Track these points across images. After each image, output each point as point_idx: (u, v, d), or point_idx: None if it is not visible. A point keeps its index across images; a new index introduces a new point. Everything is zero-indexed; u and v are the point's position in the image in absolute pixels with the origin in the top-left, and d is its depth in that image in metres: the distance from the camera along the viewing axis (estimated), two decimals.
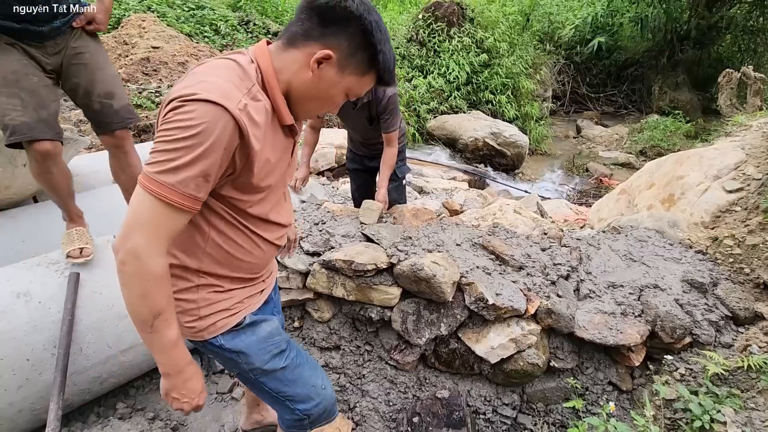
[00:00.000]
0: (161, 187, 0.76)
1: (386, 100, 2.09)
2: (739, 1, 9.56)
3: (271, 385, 1.12)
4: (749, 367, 1.47)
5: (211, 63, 0.85)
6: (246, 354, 1.05)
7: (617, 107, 11.14)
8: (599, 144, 8.42)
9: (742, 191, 2.20)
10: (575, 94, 10.97)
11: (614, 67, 11.01)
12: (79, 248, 1.80)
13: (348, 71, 0.88)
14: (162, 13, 7.27)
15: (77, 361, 1.71)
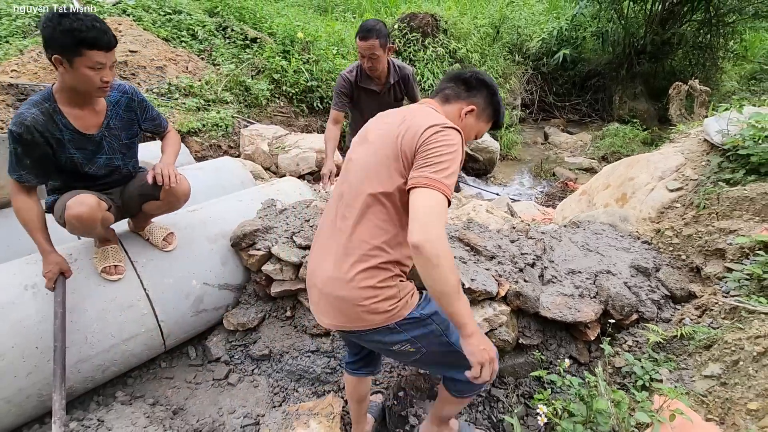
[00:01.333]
0: (446, 188, 1.07)
1: (411, 76, 2.45)
2: (689, 20, 10.36)
3: (454, 337, 1.28)
4: (682, 335, 1.74)
5: (425, 109, 1.26)
6: (438, 314, 1.26)
7: (582, 115, 11.75)
8: (565, 150, 8.91)
9: (682, 190, 2.52)
10: (543, 102, 11.51)
11: (578, 77, 11.62)
12: (114, 265, 1.90)
13: (481, 119, 1.35)
14: (138, 17, 7.23)
15: (82, 350, 1.81)
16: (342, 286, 1.18)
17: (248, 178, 3.12)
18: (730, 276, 1.81)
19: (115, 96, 1.74)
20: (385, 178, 1.16)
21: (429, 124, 1.14)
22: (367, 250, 1.17)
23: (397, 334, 1.22)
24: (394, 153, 1.17)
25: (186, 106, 5.45)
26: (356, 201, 1.21)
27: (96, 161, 1.74)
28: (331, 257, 1.23)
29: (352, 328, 1.22)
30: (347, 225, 1.22)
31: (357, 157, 1.29)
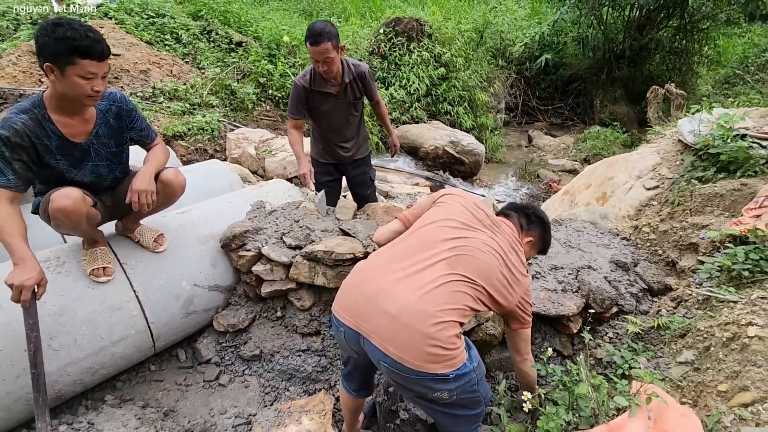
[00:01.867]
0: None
1: (367, 74, 2.43)
2: (665, 26, 10.70)
3: (482, 388, 1.37)
4: (659, 326, 1.83)
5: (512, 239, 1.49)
6: (480, 364, 1.36)
7: (564, 119, 12.00)
8: (548, 152, 9.10)
9: (658, 188, 2.62)
10: (526, 106, 11.73)
11: (560, 81, 11.88)
12: (103, 267, 1.89)
13: (533, 249, 1.61)
14: (120, 20, 7.16)
15: (71, 353, 1.80)
16: (431, 325, 1.18)
17: (236, 181, 3.13)
18: (702, 268, 1.90)
19: (105, 105, 1.74)
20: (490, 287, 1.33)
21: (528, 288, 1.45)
22: (462, 306, 1.25)
23: (446, 383, 1.23)
24: (502, 284, 1.35)
25: (171, 110, 5.42)
26: (466, 273, 1.29)
27: (82, 168, 1.74)
28: (421, 290, 1.23)
29: (413, 367, 1.18)
30: (449, 275, 1.27)
31: (477, 244, 1.37)
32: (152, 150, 1.93)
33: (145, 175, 1.75)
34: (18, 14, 7.32)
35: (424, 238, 1.38)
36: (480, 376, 1.33)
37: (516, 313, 1.42)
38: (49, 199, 1.58)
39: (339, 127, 2.56)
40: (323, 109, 2.44)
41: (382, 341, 1.21)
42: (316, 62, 2.19)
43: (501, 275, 1.35)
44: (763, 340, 1.34)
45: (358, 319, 1.28)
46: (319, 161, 2.73)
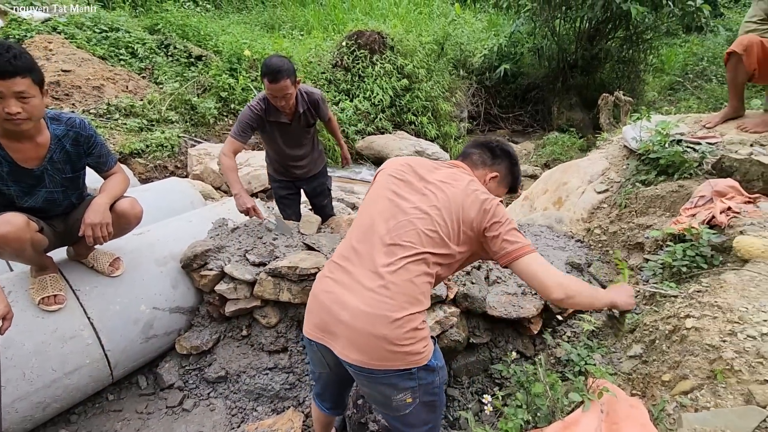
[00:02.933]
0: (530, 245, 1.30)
1: (320, 101, 2.46)
2: (613, 37, 11.37)
3: (441, 395, 1.34)
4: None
5: (468, 178, 1.37)
6: (444, 367, 1.30)
7: (524, 125, 12.46)
8: None
9: (608, 192, 2.78)
10: (488, 114, 12.10)
11: (519, 90, 12.34)
12: (53, 295, 1.80)
13: (501, 185, 1.51)
14: (70, 34, 6.90)
15: (20, 387, 1.71)
16: (385, 325, 1.16)
17: (198, 199, 3.07)
18: (647, 266, 2.03)
19: (62, 129, 1.67)
20: (446, 240, 1.26)
21: (487, 197, 1.31)
22: (417, 294, 1.22)
23: (411, 380, 1.22)
24: (458, 220, 1.27)
25: (127, 127, 5.25)
26: (410, 247, 1.23)
27: (35, 195, 1.67)
28: (368, 291, 1.21)
29: (377, 367, 1.19)
30: (394, 263, 1.22)
31: (412, 205, 1.30)
32: (110, 178, 1.86)
33: (100, 206, 1.69)
34: None
35: (361, 231, 1.33)
36: (442, 380, 1.32)
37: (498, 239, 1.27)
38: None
39: (291, 150, 2.58)
40: (275, 136, 2.46)
41: (343, 350, 1.21)
42: (274, 98, 2.18)
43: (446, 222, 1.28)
44: (699, 331, 1.45)
45: (322, 332, 1.28)
46: (276, 178, 2.75)
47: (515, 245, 1.27)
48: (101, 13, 7.90)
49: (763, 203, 1.89)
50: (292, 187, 2.79)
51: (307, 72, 7.80)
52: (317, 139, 2.75)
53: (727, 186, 2.00)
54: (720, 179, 2.07)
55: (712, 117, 2.80)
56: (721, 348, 1.34)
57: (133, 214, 1.85)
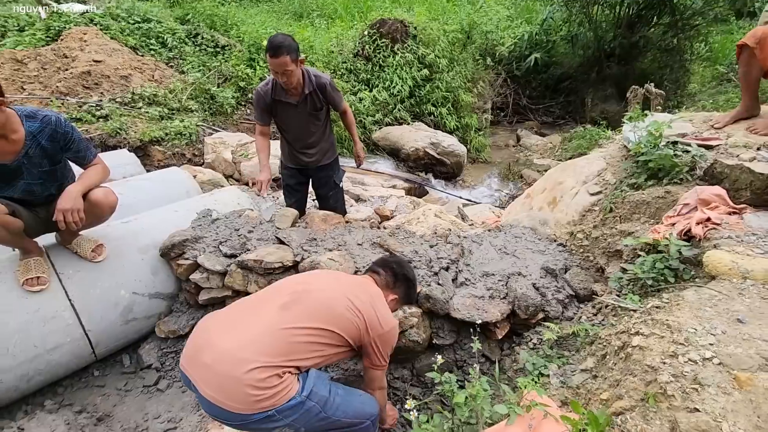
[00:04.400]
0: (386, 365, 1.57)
1: (328, 85, 2.47)
2: (656, 23, 10.63)
3: (331, 411, 1.40)
4: (574, 333, 1.86)
5: (380, 295, 1.60)
6: (314, 391, 1.35)
7: (555, 117, 11.97)
8: (535, 152, 9.08)
9: (601, 194, 2.64)
10: (517, 105, 11.72)
11: (551, 80, 11.84)
12: (36, 277, 1.95)
13: (399, 304, 1.77)
14: (106, 26, 7.24)
15: (4, 361, 1.87)
16: (241, 371, 1.22)
17: (194, 188, 3.19)
18: (612, 276, 1.93)
19: (36, 126, 1.78)
20: (341, 327, 1.41)
21: (386, 328, 1.51)
22: (285, 355, 1.29)
23: (275, 421, 1.28)
24: (355, 316, 1.44)
25: (149, 115, 5.50)
26: (304, 320, 1.36)
27: (13, 186, 1.80)
28: (241, 336, 1.29)
29: (235, 411, 1.24)
30: (278, 323, 1.33)
31: (320, 286, 1.51)
32: (88, 169, 1.97)
33: (72, 193, 1.81)
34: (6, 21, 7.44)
35: (263, 294, 1.52)
36: (325, 401, 1.36)
37: (368, 350, 1.50)
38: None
39: (301, 135, 2.63)
40: (285, 118, 2.52)
41: (205, 387, 1.27)
42: (275, 73, 2.25)
43: (349, 311, 1.43)
44: (643, 350, 1.37)
45: (191, 368, 1.33)
46: (286, 165, 2.84)
47: (380, 363, 1.56)
48: (136, 4, 8.23)
49: (749, 215, 1.74)
50: (299, 176, 2.85)
51: (328, 61, 7.83)
52: (330, 131, 2.77)
53: (712, 194, 1.86)
54: (707, 187, 1.92)
55: (721, 116, 2.58)
56: (659, 370, 1.27)
57: (107, 203, 1.96)
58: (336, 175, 2.92)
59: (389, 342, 1.54)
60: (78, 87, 5.66)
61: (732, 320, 1.33)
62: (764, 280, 1.43)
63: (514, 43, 10.63)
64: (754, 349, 1.23)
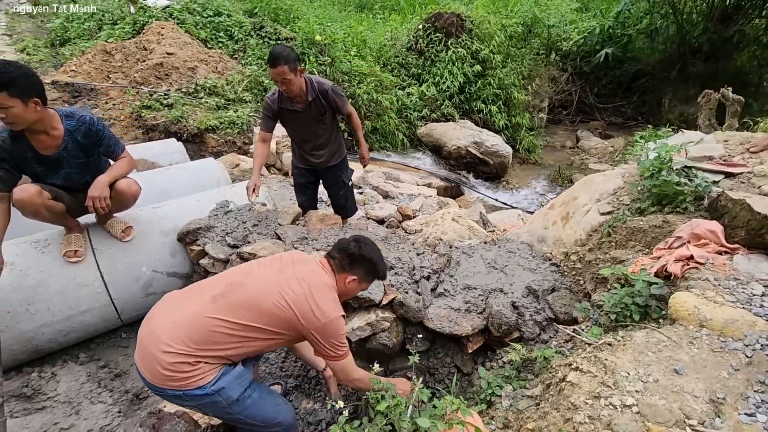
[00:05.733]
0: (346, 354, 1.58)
1: (330, 90, 2.60)
2: (759, 16, 9.34)
3: (237, 409, 1.51)
4: (537, 358, 1.84)
5: (324, 285, 1.56)
6: (225, 389, 1.45)
7: (626, 118, 11.06)
8: (593, 155, 8.52)
9: (612, 214, 2.51)
10: (582, 103, 10.98)
11: (624, 77, 10.92)
12: (74, 250, 2.35)
13: (363, 282, 1.72)
14: (182, 20, 7.94)
15: (45, 317, 2.27)
16: (160, 351, 1.37)
17: (224, 179, 3.50)
18: (578, 306, 1.85)
19: (73, 124, 2.10)
20: (268, 319, 1.47)
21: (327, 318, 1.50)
22: (204, 344, 1.41)
23: (181, 399, 1.45)
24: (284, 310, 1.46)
25: (207, 105, 6.01)
26: (228, 314, 1.44)
27: (56, 174, 2.15)
28: (169, 319, 1.44)
29: (153, 383, 1.42)
30: (206, 311, 1.44)
31: (256, 278, 1.54)
32: (117, 162, 2.30)
33: (100, 183, 2.13)
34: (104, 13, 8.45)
35: (208, 281, 1.59)
36: (232, 402, 1.46)
37: (311, 341, 1.53)
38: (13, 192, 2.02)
39: (308, 138, 2.79)
40: (292, 124, 2.69)
41: (136, 356, 1.46)
42: (276, 82, 2.41)
43: (276, 306, 1.46)
44: (573, 387, 1.35)
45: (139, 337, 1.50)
46: (297, 165, 3.01)
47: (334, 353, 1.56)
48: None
49: (740, 257, 1.59)
50: (308, 175, 3.02)
51: (379, 55, 7.93)
52: (337, 133, 2.91)
53: (706, 230, 1.71)
54: (703, 221, 1.77)
55: (761, 138, 2.31)
56: (579, 409, 1.26)
57: (130, 193, 2.27)
58: (345, 174, 3.04)
59: (331, 333, 1.51)
60: (151, 77, 6.33)
61: (669, 369, 1.27)
62: (720, 331, 1.33)
63: (583, 37, 9.94)
64: (679, 403, 1.17)
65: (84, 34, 8.09)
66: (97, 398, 2.13)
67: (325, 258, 1.69)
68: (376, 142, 6.98)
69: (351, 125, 2.98)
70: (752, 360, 1.23)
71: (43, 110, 1.93)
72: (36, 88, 1.85)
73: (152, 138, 5.48)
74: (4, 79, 1.72)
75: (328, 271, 1.63)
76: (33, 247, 2.35)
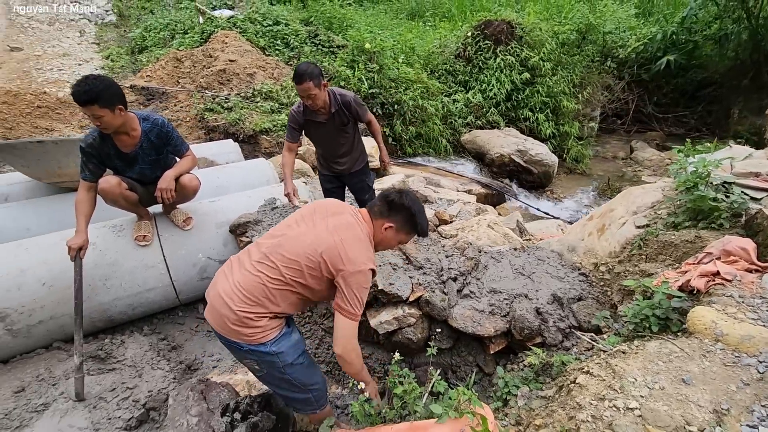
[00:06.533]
0: (356, 316, 1.59)
1: (352, 101, 2.77)
2: None
3: (289, 373, 1.66)
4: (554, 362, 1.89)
5: (359, 235, 1.63)
6: (283, 353, 1.62)
7: (688, 129, 10.40)
8: (648, 167, 8.13)
9: (648, 228, 2.49)
10: (640, 112, 10.47)
11: (689, 86, 10.29)
12: (143, 235, 2.70)
13: (401, 233, 1.73)
14: (244, 29, 8.53)
15: (118, 292, 2.62)
16: (228, 309, 1.56)
17: (274, 178, 3.79)
18: (597, 315, 1.87)
19: (148, 126, 2.43)
20: (306, 273, 1.59)
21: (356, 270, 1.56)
22: (255, 295, 1.57)
23: (248, 354, 1.63)
24: (316, 262, 1.57)
25: (263, 109, 6.44)
26: (275, 265, 1.58)
27: (132, 169, 2.49)
28: (231, 282, 1.63)
29: (219, 332, 1.63)
30: (256, 270, 1.60)
31: (294, 234, 1.65)
32: (181, 160, 2.61)
33: (168, 177, 2.45)
34: (177, 24, 9.26)
35: (256, 244, 1.72)
36: (285, 363, 1.63)
37: (339, 291, 1.57)
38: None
39: (332, 147, 2.96)
40: (316, 135, 2.88)
41: (208, 315, 1.67)
42: (302, 97, 2.61)
43: (308, 259, 1.56)
44: (581, 388, 1.41)
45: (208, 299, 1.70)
46: (322, 172, 3.21)
47: (348, 309, 1.58)
48: (270, 9, 9.48)
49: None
50: (335, 180, 3.22)
51: (427, 63, 8.06)
52: (359, 141, 3.10)
53: (738, 247, 1.69)
54: (735, 238, 1.74)
55: None
56: (583, 408, 1.33)
57: (191, 187, 2.57)
58: (368, 179, 3.19)
59: (356, 283, 1.54)
60: (215, 83, 6.89)
61: (677, 379, 1.31)
62: (735, 347, 1.34)
63: (643, 44, 9.49)
64: (682, 410, 1.22)
65: (159, 43, 8.92)
66: (156, 365, 2.43)
67: (365, 209, 1.76)
68: (419, 147, 7.11)
69: (371, 131, 3.11)
70: (764, 376, 1.24)
71: (126, 114, 2.26)
72: (119, 97, 2.17)
73: (212, 138, 5.97)
74: (94, 93, 2.04)
75: (364, 221, 1.69)
76: (111, 231, 2.72)
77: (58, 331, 2.52)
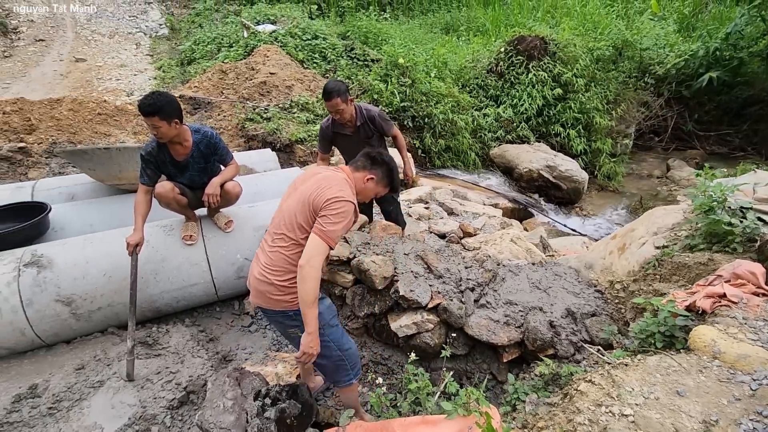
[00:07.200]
0: (329, 239, 1.72)
1: (377, 116, 3.00)
2: None
3: (329, 334, 1.87)
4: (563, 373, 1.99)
5: (337, 178, 1.85)
6: (322, 314, 1.81)
7: (731, 148, 10.02)
8: (684, 187, 7.89)
9: (664, 248, 2.54)
10: (680, 130, 10.18)
11: (734, 104, 9.94)
12: (189, 235, 2.99)
13: (380, 185, 1.99)
14: (284, 43, 8.99)
15: (165, 286, 2.90)
16: (267, 284, 1.82)
17: None
18: (606, 329, 1.94)
19: (198, 137, 2.72)
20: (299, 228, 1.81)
21: (331, 196, 1.75)
22: (282, 263, 1.82)
23: (291, 320, 1.86)
24: (304, 210, 1.79)
25: (299, 119, 6.78)
26: (283, 235, 1.83)
27: (183, 176, 2.79)
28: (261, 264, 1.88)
29: (265, 307, 1.89)
30: (272, 248, 1.86)
31: (286, 206, 1.92)
32: (227, 167, 2.89)
33: (214, 183, 2.72)
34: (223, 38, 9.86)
35: (267, 233, 1.99)
36: (324, 323, 1.82)
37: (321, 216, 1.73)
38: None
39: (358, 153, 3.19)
40: (344, 146, 3.12)
41: (251, 297, 1.92)
42: (331, 112, 2.85)
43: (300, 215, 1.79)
44: (582, 394, 1.51)
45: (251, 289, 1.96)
46: None
47: (322, 228, 1.71)
48: (309, 23, 9.94)
49: None
50: None
51: (459, 77, 8.21)
52: None
53: (747, 270, 1.75)
54: (746, 262, 1.79)
55: None
56: (581, 412, 1.45)
57: (234, 193, 2.84)
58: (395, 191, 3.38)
59: (335, 210, 1.71)
60: (256, 94, 7.31)
61: (672, 391, 1.40)
62: (731, 364, 1.41)
63: (684, 60, 9.27)
64: (673, 419, 1.31)
65: (206, 55, 9.53)
66: (196, 353, 2.68)
67: (347, 165, 2.01)
68: (448, 160, 7.25)
69: (396, 146, 3.32)
70: (756, 393, 1.32)
71: (180, 127, 2.55)
72: (176, 112, 2.46)
73: (252, 147, 6.35)
74: (157, 107, 2.34)
75: (343, 172, 1.93)
76: (161, 230, 3.02)
77: (113, 317, 2.83)
